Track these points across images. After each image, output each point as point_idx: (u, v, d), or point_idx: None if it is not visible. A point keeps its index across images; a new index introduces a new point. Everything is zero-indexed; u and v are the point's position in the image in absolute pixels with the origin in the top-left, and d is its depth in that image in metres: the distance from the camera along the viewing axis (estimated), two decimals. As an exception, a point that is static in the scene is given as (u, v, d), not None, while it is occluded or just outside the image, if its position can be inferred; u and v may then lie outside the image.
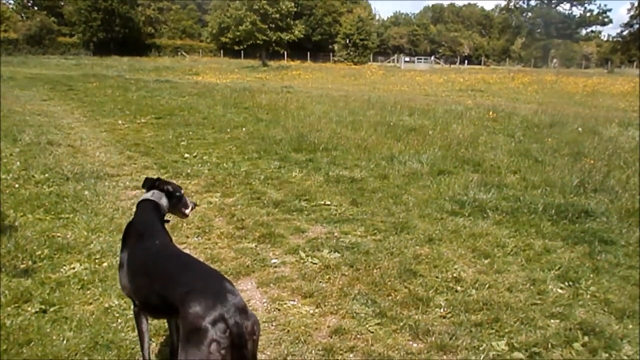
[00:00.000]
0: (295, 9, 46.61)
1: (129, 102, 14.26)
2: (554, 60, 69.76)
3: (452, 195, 5.78)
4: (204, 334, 1.80)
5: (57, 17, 55.36)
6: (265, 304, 3.40)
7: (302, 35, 47.60)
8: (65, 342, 2.83)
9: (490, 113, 12.29)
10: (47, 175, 6.23)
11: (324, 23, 65.37)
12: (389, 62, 61.99)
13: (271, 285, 3.67)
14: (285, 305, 3.38)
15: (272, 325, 3.15)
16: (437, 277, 3.79)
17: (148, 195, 2.70)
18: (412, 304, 3.39)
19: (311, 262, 4.05)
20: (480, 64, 71.17)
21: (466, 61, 71.35)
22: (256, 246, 4.38)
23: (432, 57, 65.63)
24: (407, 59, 63.05)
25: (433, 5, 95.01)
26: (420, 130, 9.83)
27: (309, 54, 57.27)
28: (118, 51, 48.95)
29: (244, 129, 10.03)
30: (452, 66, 60.80)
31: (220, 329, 1.80)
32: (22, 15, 57.78)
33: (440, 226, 4.85)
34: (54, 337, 2.86)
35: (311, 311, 3.31)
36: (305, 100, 15.02)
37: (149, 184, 2.76)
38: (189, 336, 1.83)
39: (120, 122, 11.03)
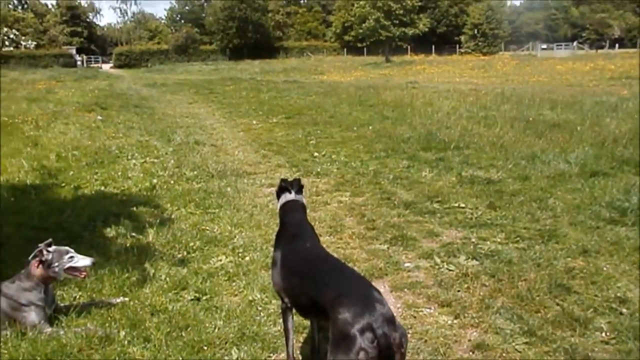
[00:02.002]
0: (419, 3, 45.56)
1: (261, 103, 15.11)
2: None
3: (609, 201, 5.14)
4: (352, 342, 1.82)
5: (200, 27, 60.94)
6: (400, 310, 3.34)
7: (426, 29, 46.39)
8: (216, 330, 3.04)
9: (654, 104, 10.78)
10: (195, 172, 6.83)
11: (450, 14, 63.06)
12: (523, 50, 57.56)
13: (405, 290, 3.61)
14: (421, 313, 3.29)
15: (408, 332, 3.07)
16: (595, 296, 3.39)
17: (292, 196, 2.79)
18: (566, 324, 3.06)
19: (447, 268, 3.90)
20: (635, 47, 62.96)
21: (617, 45, 63.58)
22: (388, 248, 4.34)
23: (574, 43, 59.60)
24: (544, 46, 58.19)
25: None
26: (566, 126, 8.98)
27: (433, 47, 55.53)
28: (250, 55, 52.21)
29: (370, 127, 10.05)
30: (600, 51, 54.52)
31: (368, 339, 1.81)
32: (172, 28, 64.54)
33: (596, 236, 4.34)
34: (207, 325, 3.09)
35: (449, 321, 3.18)
36: (432, 96, 14.62)
37: (294, 185, 2.83)
38: (338, 342, 1.87)
39: (254, 122, 11.73)
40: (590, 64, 28.93)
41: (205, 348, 2.88)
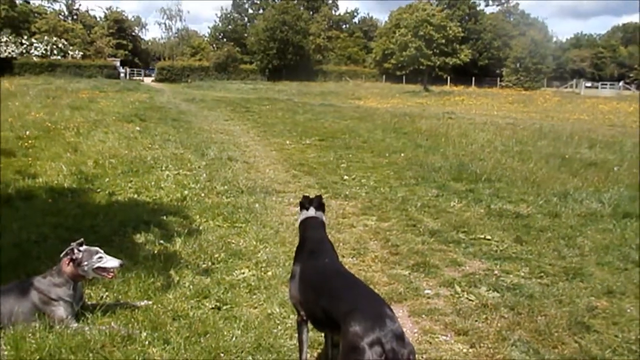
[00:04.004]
0: (462, 34, 45.69)
1: (296, 124, 15.34)
2: None
3: None
4: (361, 354, 1.87)
5: (241, 47, 62.31)
6: (416, 335, 3.35)
7: (467, 60, 46.36)
8: (234, 339, 3.11)
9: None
10: (226, 187, 6.98)
11: (493, 47, 62.76)
12: (567, 87, 56.58)
13: (423, 316, 3.62)
14: (437, 339, 3.30)
15: (422, 357, 3.09)
16: (616, 336, 3.33)
17: (312, 212, 2.87)
18: (582, 361, 3.04)
19: (467, 298, 3.90)
20: (683, 90, 61.05)
21: (665, 87, 61.90)
22: (409, 274, 4.35)
23: (621, 83, 58.33)
24: (589, 84, 56.95)
25: (624, 25, 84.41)
26: (603, 166, 8.88)
27: (473, 78, 55.31)
28: (289, 76, 53.09)
29: (402, 154, 10.10)
30: (646, 92, 53.24)
31: (377, 352, 1.86)
32: (214, 46, 66.27)
33: (623, 278, 4.27)
34: (225, 333, 3.17)
35: (464, 350, 3.18)
36: (468, 127, 14.58)
37: (314, 202, 2.92)
38: (347, 353, 1.93)
39: (287, 142, 11.92)
40: (635, 104, 28.26)
41: (222, 355, 2.95)
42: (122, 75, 52.03)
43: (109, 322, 3.21)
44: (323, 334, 2.90)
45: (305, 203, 2.92)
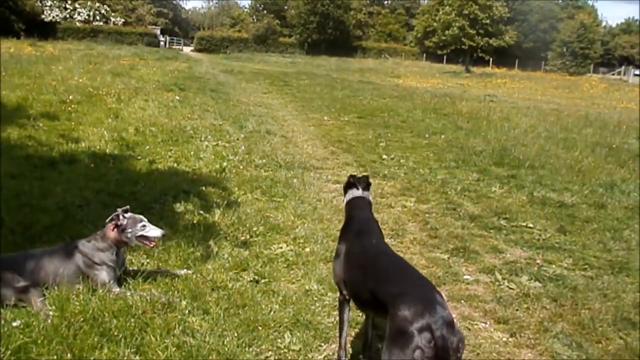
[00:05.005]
0: (508, 14, 43.98)
1: (334, 100, 15.17)
2: None
3: (691, 240, 4.83)
4: (409, 339, 1.84)
5: (281, 19, 61.75)
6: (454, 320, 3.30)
7: (512, 42, 44.64)
8: (272, 313, 3.13)
9: None
10: (264, 160, 6.99)
11: (539, 29, 60.18)
12: (614, 74, 54.19)
13: (462, 301, 3.57)
14: (476, 326, 3.25)
15: (460, 343, 3.04)
16: (663, 335, 3.21)
17: (360, 192, 2.83)
18: (628, 358, 2.94)
19: (507, 286, 3.81)
20: None
21: None
22: (448, 258, 4.29)
23: (672, 72, 55.37)
24: (638, 72, 54.38)
25: (681, 11, 79.83)
26: (652, 158, 8.46)
27: (517, 61, 53.32)
28: (328, 51, 52.39)
29: (442, 135, 9.90)
30: (700, 83, 50.37)
31: (426, 338, 1.82)
32: (254, 17, 65.94)
33: (672, 274, 4.10)
34: (263, 307, 3.19)
35: (504, 339, 3.12)
36: (510, 111, 14.17)
37: (362, 182, 2.87)
38: (395, 337, 1.90)
39: (326, 118, 11.83)
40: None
41: (260, 328, 2.97)
42: (162, 43, 52.12)
43: (149, 289, 3.24)
44: (363, 314, 2.89)
45: (352, 182, 2.87)
